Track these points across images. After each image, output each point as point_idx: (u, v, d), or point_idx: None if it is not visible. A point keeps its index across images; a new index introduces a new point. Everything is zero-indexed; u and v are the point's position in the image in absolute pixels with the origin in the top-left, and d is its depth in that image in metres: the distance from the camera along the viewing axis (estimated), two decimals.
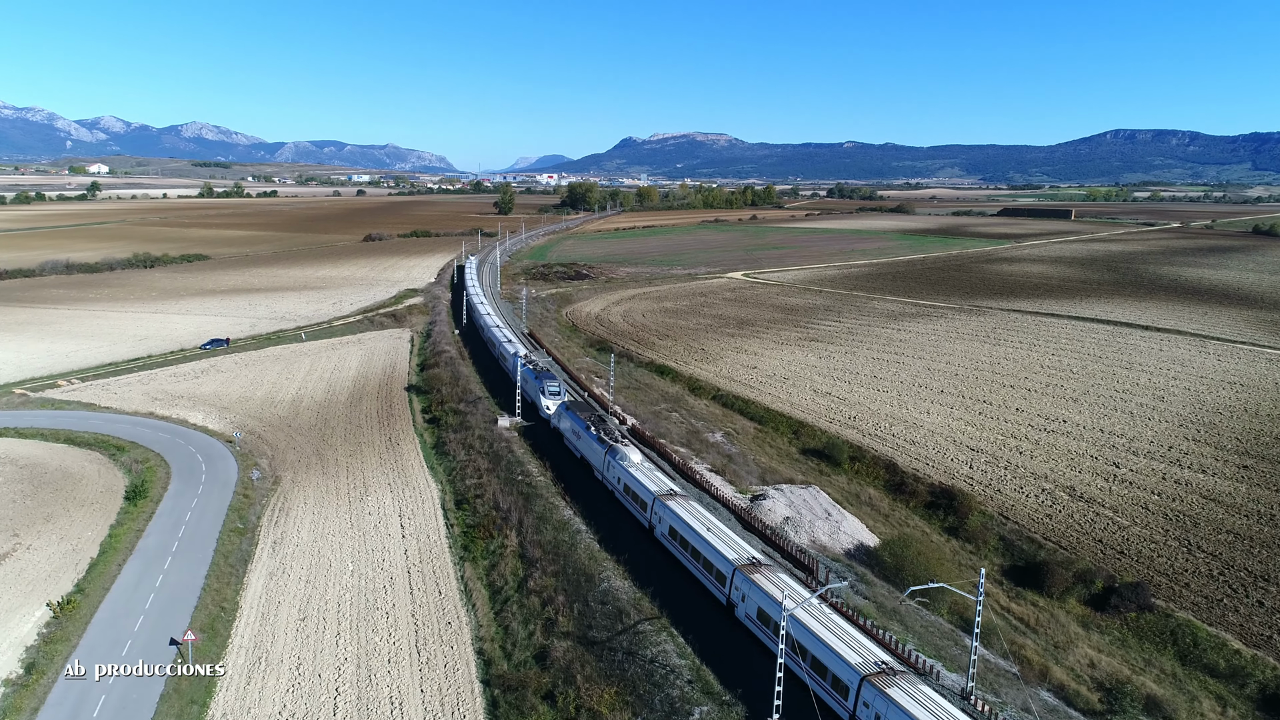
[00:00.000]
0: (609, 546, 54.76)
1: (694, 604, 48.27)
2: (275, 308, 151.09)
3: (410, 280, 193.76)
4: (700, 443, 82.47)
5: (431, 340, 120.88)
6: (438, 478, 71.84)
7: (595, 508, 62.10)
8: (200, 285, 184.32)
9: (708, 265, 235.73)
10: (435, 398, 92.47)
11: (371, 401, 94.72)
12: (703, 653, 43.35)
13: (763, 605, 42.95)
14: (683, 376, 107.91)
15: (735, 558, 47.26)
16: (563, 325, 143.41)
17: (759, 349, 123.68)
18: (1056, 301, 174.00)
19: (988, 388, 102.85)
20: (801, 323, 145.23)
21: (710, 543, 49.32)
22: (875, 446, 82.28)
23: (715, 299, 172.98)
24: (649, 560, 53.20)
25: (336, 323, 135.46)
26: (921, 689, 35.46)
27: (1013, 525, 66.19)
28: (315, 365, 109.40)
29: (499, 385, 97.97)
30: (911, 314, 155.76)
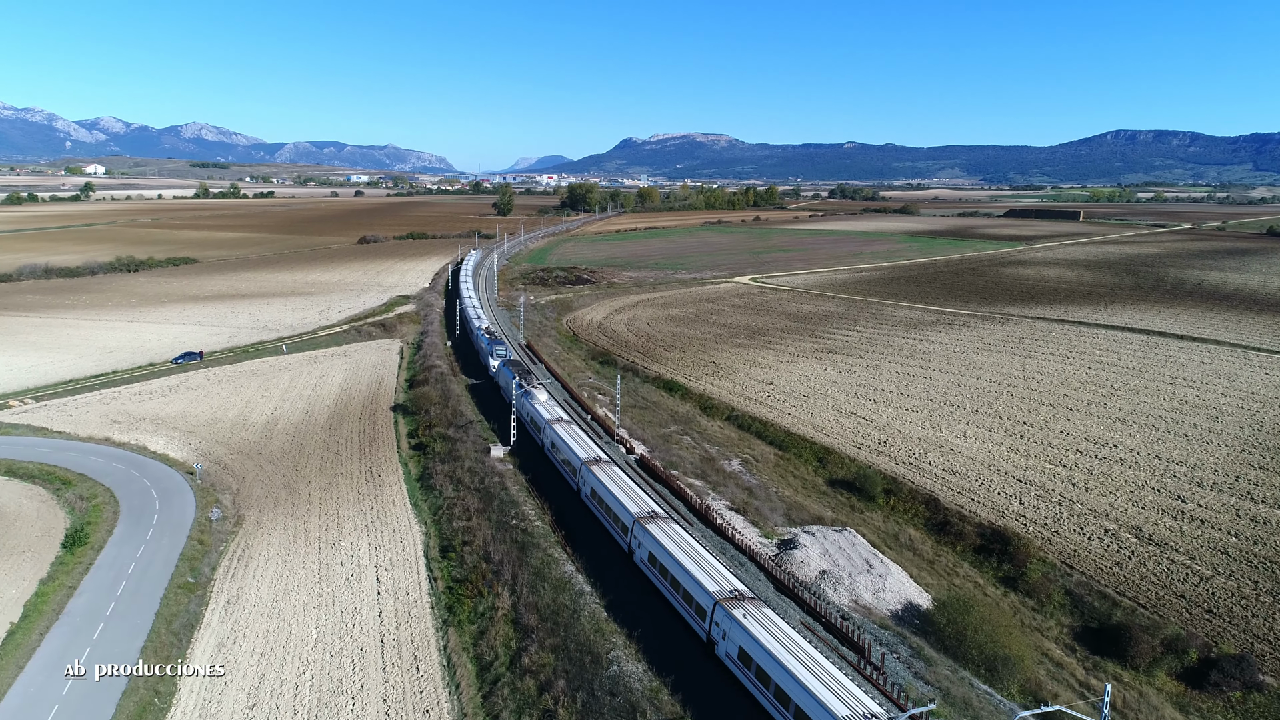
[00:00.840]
0: (619, 615, 46.32)
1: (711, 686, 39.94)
2: (259, 316, 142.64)
3: (404, 285, 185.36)
4: (716, 473, 74.06)
5: (422, 353, 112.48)
6: (422, 517, 63.43)
7: (600, 558, 53.75)
8: (183, 291, 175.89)
9: (713, 269, 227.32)
10: (423, 420, 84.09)
11: (353, 424, 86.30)
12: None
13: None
14: (693, 394, 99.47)
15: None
16: (563, 335, 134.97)
17: (773, 362, 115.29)
18: (1080, 308, 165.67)
19: (1025, 406, 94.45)
20: (817, 332, 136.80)
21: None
22: (911, 477, 73.86)
23: (723, 306, 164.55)
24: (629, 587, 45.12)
25: (321, 333, 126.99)
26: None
27: (1079, 576, 57.76)
28: (295, 381, 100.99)
29: (492, 405, 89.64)
30: (931, 322, 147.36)
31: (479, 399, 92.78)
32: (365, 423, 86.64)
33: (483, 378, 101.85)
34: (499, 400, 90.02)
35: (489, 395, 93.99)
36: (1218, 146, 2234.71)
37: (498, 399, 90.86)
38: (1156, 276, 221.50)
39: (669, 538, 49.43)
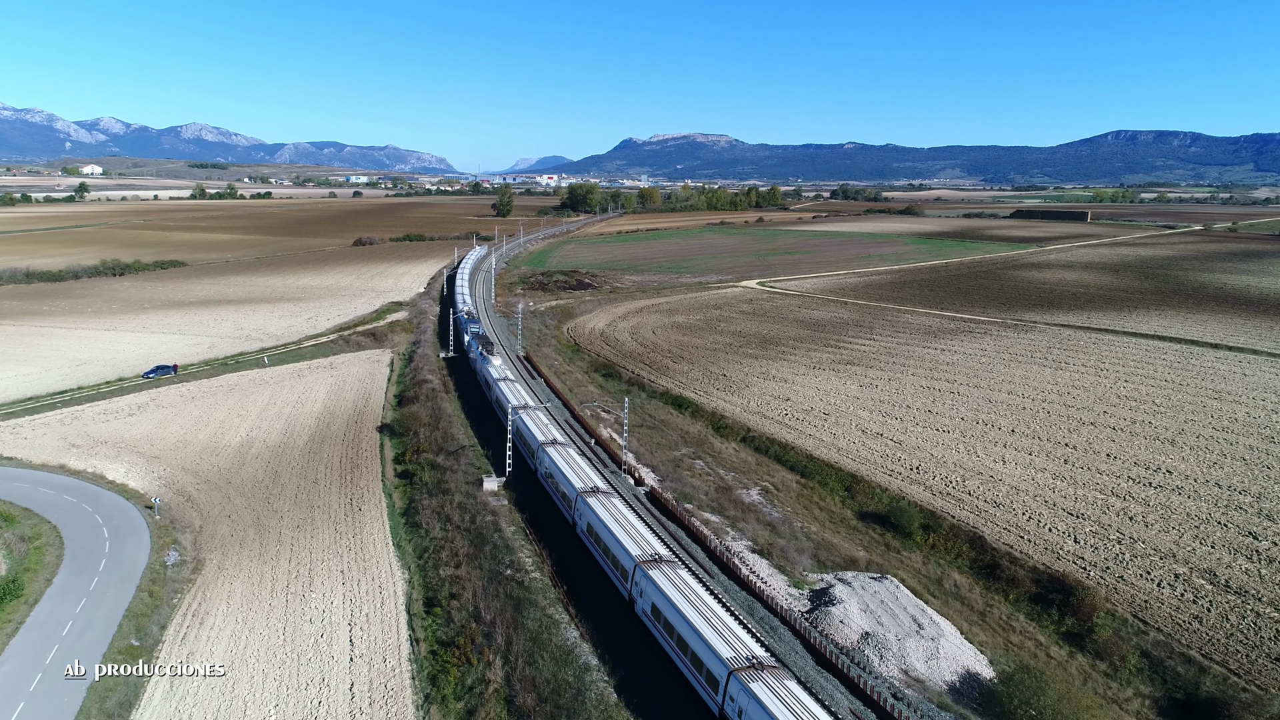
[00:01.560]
0: (632, 699, 39.05)
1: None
2: (243, 324, 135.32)
3: (398, 290, 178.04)
4: (734, 505, 66.78)
5: (413, 366, 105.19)
6: (405, 561, 56.14)
7: (606, 614, 46.48)
8: (167, 296, 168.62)
9: (719, 272, 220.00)
10: (411, 443, 76.82)
11: (335, 446, 79.01)
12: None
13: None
14: (704, 411, 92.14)
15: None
16: (564, 345, 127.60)
17: (788, 375, 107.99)
18: (1104, 314, 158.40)
19: (1064, 425, 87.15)
20: (832, 341, 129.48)
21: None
22: (951, 510, 66.57)
23: (731, 312, 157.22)
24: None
25: (307, 343, 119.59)
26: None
27: (1155, 633, 50.48)
28: (275, 398, 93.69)
29: (487, 427, 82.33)
30: (951, 330, 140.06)
31: (473, 419, 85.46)
32: (348, 445, 79.35)
33: (478, 393, 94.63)
34: (494, 421, 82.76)
35: (484, 415, 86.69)
36: (1218, 147, 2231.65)
37: (493, 420, 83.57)
38: (1176, 280, 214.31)
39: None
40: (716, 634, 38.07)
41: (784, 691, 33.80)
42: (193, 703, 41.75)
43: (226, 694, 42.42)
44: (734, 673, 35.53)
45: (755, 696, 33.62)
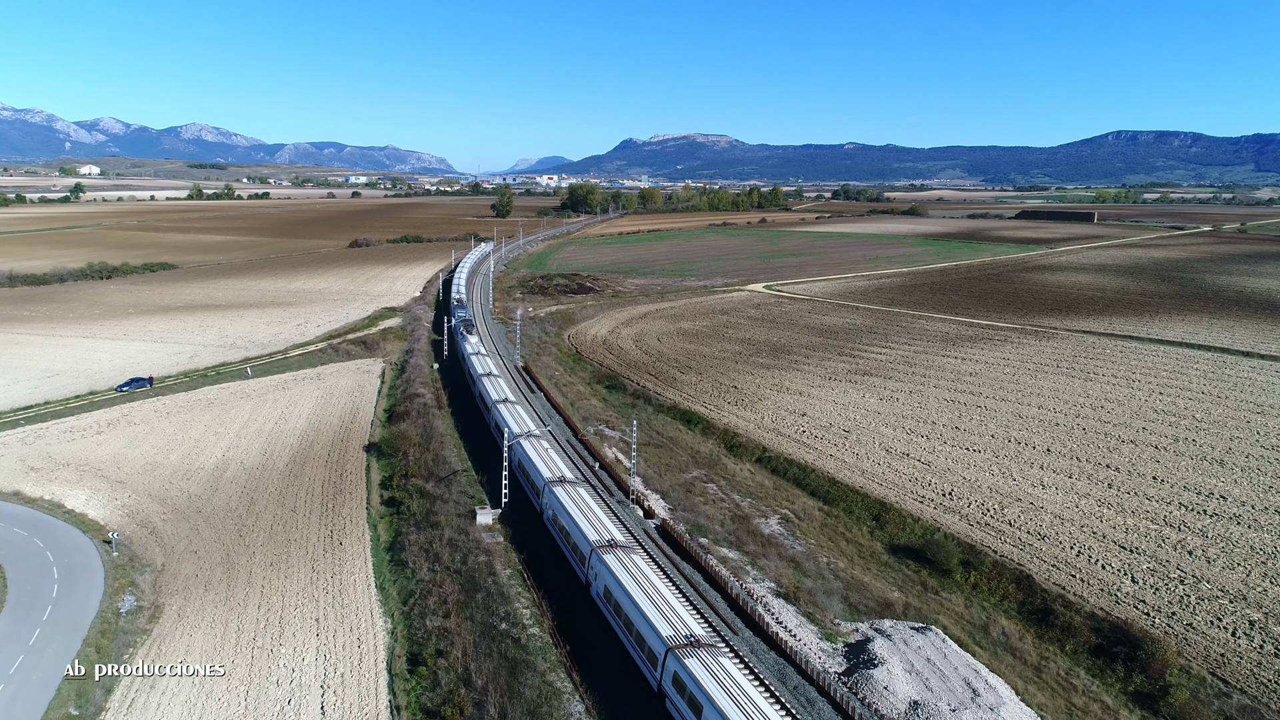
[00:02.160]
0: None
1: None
2: (229, 331, 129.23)
3: (392, 294, 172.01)
4: (753, 538, 60.70)
5: (405, 377, 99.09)
6: (388, 607, 50.09)
7: (622, 692, 40.34)
8: (153, 300, 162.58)
9: (724, 275, 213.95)
10: (399, 466, 70.79)
11: (318, 469, 72.92)
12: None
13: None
14: (716, 428, 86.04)
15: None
16: (564, 353, 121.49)
17: (803, 386, 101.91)
18: (1125, 320, 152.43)
19: (1103, 444, 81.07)
20: (846, 350, 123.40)
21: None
22: (991, 544, 60.48)
23: (739, 317, 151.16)
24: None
25: (294, 352, 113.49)
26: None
27: (1240, 696, 44.43)
28: (256, 413, 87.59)
29: (482, 447, 76.26)
30: (969, 337, 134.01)
31: (467, 438, 79.34)
32: (332, 468, 73.25)
33: (472, 406, 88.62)
34: (490, 440, 76.64)
35: (479, 433, 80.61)
36: (1219, 147, 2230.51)
37: (489, 439, 77.45)
38: (1194, 283, 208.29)
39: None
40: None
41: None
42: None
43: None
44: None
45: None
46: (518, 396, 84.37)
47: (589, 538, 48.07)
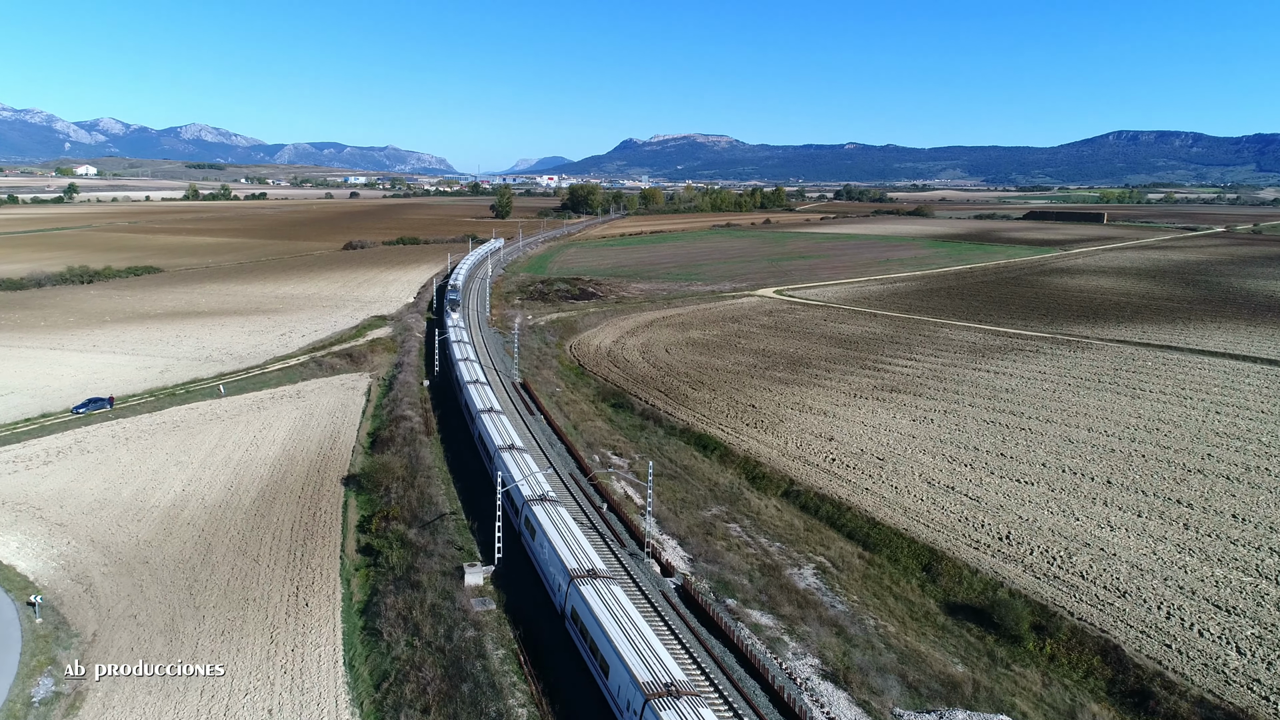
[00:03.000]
0: None
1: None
2: (206, 341, 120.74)
3: (384, 301, 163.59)
4: (787, 595, 52.22)
5: (392, 396, 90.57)
6: (357, 694, 41.56)
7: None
8: (132, 308, 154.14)
9: (731, 279, 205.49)
10: (380, 504, 62.36)
11: (289, 506, 64.43)
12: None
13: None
14: (735, 455, 77.53)
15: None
16: (566, 366, 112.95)
17: (827, 405, 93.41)
18: (1158, 327, 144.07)
19: (1167, 474, 72.61)
20: (869, 362, 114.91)
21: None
22: (1065, 603, 51.98)
23: (751, 325, 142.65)
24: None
25: (274, 366, 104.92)
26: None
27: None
28: (226, 438, 79.10)
29: (474, 482, 67.72)
30: (998, 348, 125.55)
31: (458, 472, 70.75)
32: (305, 505, 64.75)
33: (464, 430, 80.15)
34: (484, 474, 68.14)
35: (471, 466, 72.08)
36: (1220, 147, 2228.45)
37: (482, 472, 68.95)
38: (1221, 288, 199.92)
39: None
40: None
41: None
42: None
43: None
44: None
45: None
46: (510, 411, 75.67)
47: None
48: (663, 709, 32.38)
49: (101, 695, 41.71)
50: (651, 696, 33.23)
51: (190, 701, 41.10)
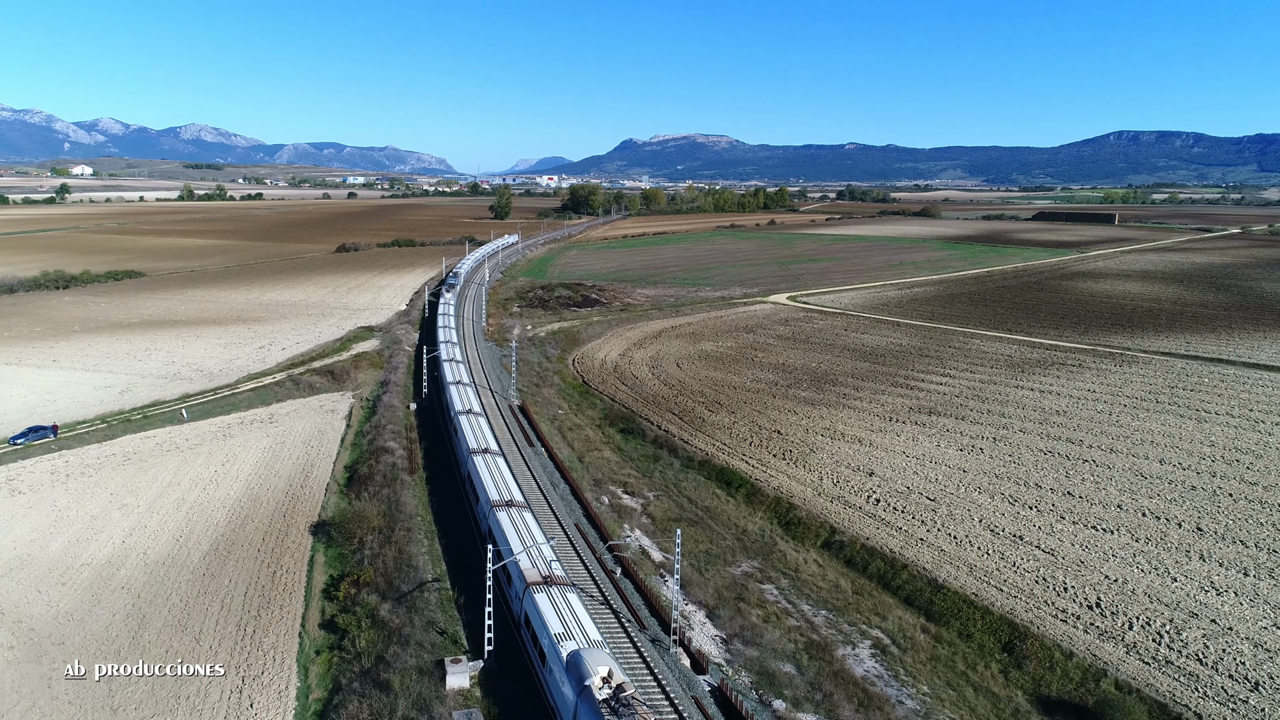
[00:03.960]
0: None
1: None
2: (178, 355, 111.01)
3: (375, 308, 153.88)
4: (842, 687, 42.53)
5: (375, 422, 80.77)
6: None
7: None
8: (105, 316, 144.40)
9: (741, 284, 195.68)
10: (351, 563, 52.72)
11: (245, 563, 54.73)
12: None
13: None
14: (764, 494, 67.81)
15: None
16: (569, 384, 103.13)
17: (861, 431, 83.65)
18: (1201, 338, 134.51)
19: (1264, 518, 62.93)
20: (900, 379, 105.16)
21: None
22: (1186, 698, 42.31)
23: (767, 336, 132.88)
24: None
25: (246, 385, 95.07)
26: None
27: None
28: (182, 474, 69.38)
29: (463, 537, 57.79)
30: (1036, 361, 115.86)
31: (444, 523, 60.70)
32: (264, 562, 55.06)
33: (453, 471, 70.37)
34: (474, 525, 58.31)
35: (459, 512, 62.23)
36: (1221, 147, 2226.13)
37: (470, 529, 59.10)
38: (1255, 293, 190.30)
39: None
40: None
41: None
42: None
43: None
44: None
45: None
46: (519, 471, 65.62)
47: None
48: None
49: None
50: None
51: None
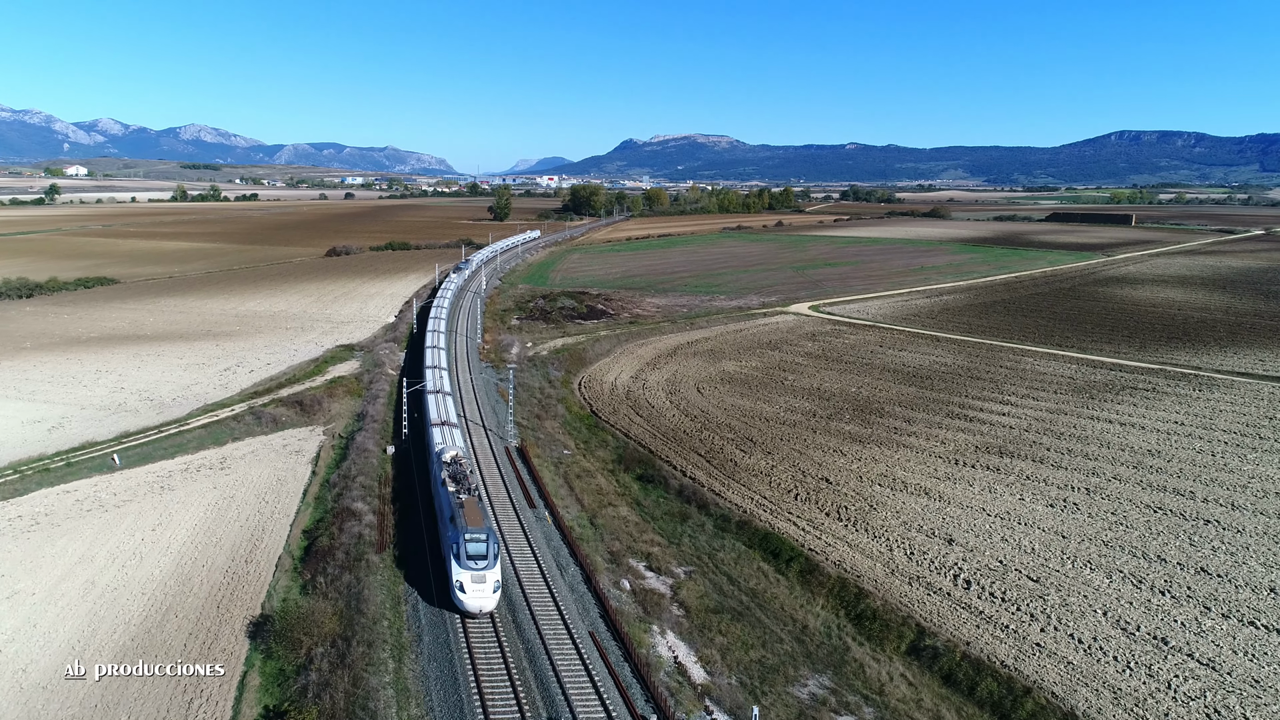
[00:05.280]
0: None
1: None
2: (129, 380, 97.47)
3: (361, 320, 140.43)
4: None
5: (345, 469, 67.07)
6: None
7: None
8: (64, 330, 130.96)
9: (758, 292, 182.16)
10: (292, 695, 39.15)
11: (155, 688, 41.08)
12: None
13: None
14: (823, 572, 54.13)
15: None
16: (575, 415, 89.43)
17: (922, 477, 70.13)
18: (1275, 354, 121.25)
19: None
20: (954, 407, 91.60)
21: None
22: None
23: (794, 353, 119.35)
24: None
25: (198, 420, 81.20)
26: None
27: None
28: (99, 545, 55.79)
29: (442, 651, 44.07)
30: (1103, 384, 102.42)
31: (417, 626, 46.84)
32: (180, 687, 41.43)
33: (434, 543, 56.71)
34: (456, 627, 44.73)
35: (441, 607, 48.52)
36: (1223, 147, 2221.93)
37: (455, 624, 45.54)
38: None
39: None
40: None
41: None
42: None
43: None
44: None
45: None
46: (518, 549, 52.14)
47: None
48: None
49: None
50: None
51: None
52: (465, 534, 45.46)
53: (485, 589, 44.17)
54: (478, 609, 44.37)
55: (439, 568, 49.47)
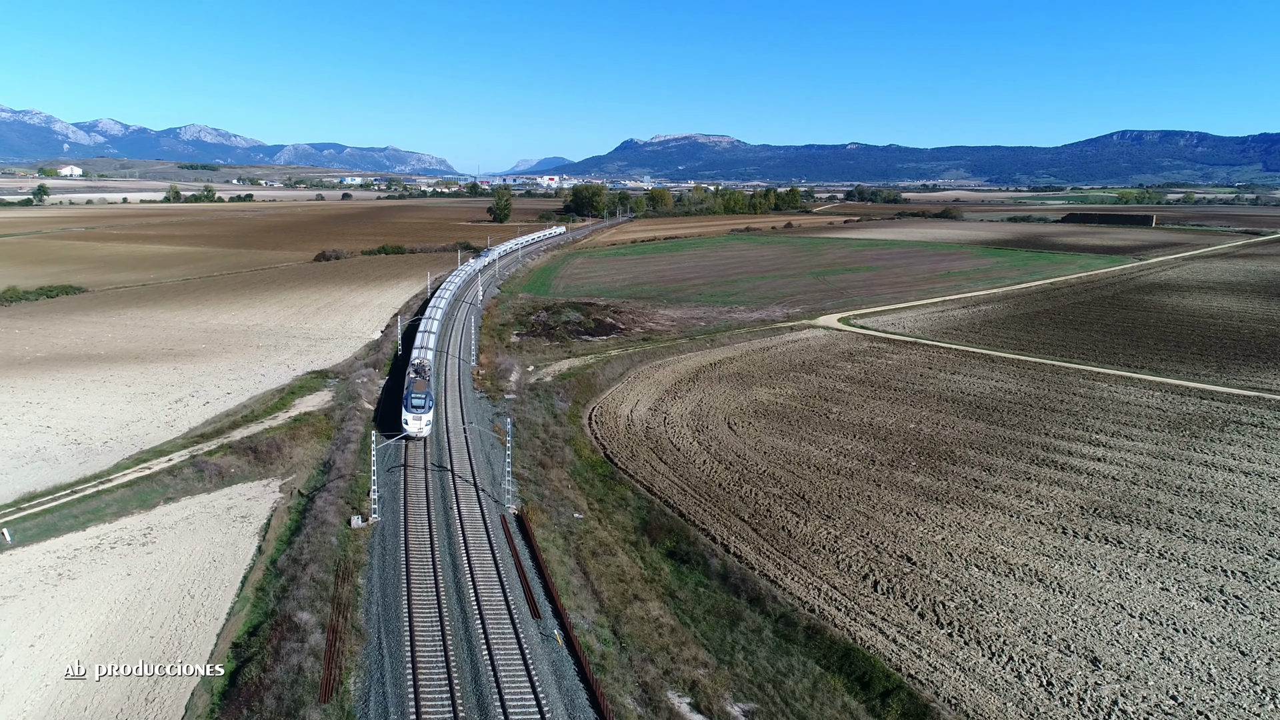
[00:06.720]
0: None
1: None
2: (59, 415, 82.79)
3: (343, 335, 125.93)
4: None
5: (295, 552, 52.47)
6: None
7: None
8: (6, 350, 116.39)
9: (779, 301, 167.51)
10: None
11: None
12: None
13: None
14: (935, 713, 39.64)
15: None
16: (586, 461, 74.55)
17: (1030, 555, 55.47)
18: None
19: None
20: (1036, 449, 76.86)
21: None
22: None
23: (834, 377, 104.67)
24: None
25: (123, 475, 65.99)
26: None
27: None
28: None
29: None
30: (1199, 417, 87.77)
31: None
32: None
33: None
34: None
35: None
36: (1226, 147, 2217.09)
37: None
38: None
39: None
40: None
41: None
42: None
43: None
44: None
45: None
46: (515, 702, 37.70)
47: None
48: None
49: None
50: None
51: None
52: (411, 395, 72.42)
53: (421, 423, 71.13)
54: (416, 432, 70.86)
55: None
